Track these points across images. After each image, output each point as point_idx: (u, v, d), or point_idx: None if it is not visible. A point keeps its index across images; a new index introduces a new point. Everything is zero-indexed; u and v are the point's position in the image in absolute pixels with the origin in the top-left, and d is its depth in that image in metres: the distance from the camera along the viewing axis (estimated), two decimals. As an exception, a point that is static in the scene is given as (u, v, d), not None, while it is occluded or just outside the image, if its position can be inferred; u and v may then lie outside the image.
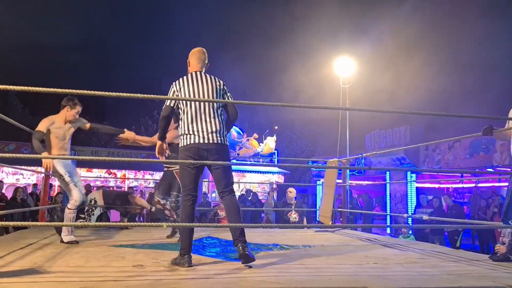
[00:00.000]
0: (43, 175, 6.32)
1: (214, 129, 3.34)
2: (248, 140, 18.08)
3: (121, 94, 3.03)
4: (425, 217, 5.71)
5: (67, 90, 2.88)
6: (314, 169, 18.43)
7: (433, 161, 13.44)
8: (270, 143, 18.26)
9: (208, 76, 3.49)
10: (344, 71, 10.49)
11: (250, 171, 18.02)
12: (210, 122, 3.34)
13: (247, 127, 23.75)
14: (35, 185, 11.53)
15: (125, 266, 3.16)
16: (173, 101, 3.41)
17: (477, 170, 11.25)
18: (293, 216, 7.42)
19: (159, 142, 3.55)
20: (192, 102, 3.34)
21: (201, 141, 3.29)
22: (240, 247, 3.18)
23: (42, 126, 4.27)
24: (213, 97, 3.39)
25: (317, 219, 8.75)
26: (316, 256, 3.90)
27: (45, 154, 4.13)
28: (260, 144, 18.25)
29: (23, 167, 10.78)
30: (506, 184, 3.90)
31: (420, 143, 10.36)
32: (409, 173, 13.91)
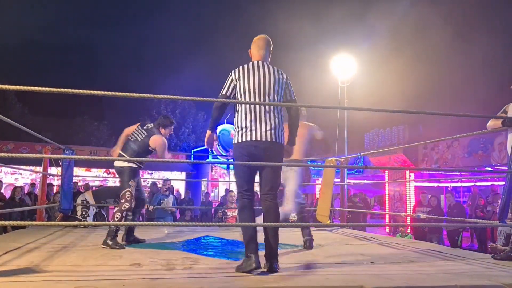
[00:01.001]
0: (41, 175, 6.32)
1: (271, 126, 3.10)
2: (247, 139, 18.04)
3: (118, 93, 3.02)
4: (422, 215, 5.72)
5: (65, 90, 2.87)
6: (313, 168, 18.42)
7: (432, 160, 13.44)
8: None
9: (270, 67, 3.24)
10: (342, 70, 10.48)
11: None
12: (269, 117, 3.10)
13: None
14: (33, 185, 11.50)
15: (122, 265, 3.16)
16: (230, 90, 3.19)
17: (475, 169, 11.25)
18: (292, 215, 7.41)
19: (208, 132, 3.33)
20: (251, 95, 3.11)
21: (258, 138, 3.06)
22: (270, 265, 2.94)
23: None
24: (273, 90, 3.15)
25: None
26: (313, 255, 3.90)
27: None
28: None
29: (21, 167, 10.76)
30: (504, 183, 3.90)
31: (418, 142, 10.35)
32: (407, 172, 13.91)
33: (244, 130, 3.11)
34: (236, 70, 3.20)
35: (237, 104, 3.16)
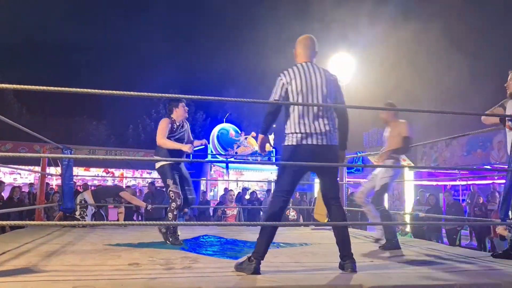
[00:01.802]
0: (40, 174, 6.30)
1: (326, 129, 3.03)
2: (246, 138, 18.07)
3: (116, 92, 3.00)
4: (421, 214, 5.71)
5: (63, 89, 2.85)
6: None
7: (431, 158, 13.45)
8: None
9: (320, 68, 3.17)
10: (341, 68, 10.46)
11: (248, 169, 18.02)
12: (324, 121, 3.04)
13: (245, 125, 23.74)
14: (31, 185, 11.47)
15: (120, 264, 3.15)
16: (282, 95, 3.06)
17: (474, 167, 11.26)
18: (291, 214, 7.43)
19: (261, 136, 3.18)
20: (304, 97, 3.02)
21: (313, 142, 2.99)
22: (349, 266, 2.93)
23: None
24: (326, 92, 3.08)
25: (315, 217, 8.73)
26: (312, 254, 3.90)
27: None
28: (258, 142, 18.23)
29: (20, 166, 10.74)
30: (503, 181, 3.90)
31: (417, 142, 10.35)
32: (406, 170, 13.91)
33: (298, 134, 3.01)
34: (286, 73, 3.09)
35: (290, 107, 3.06)
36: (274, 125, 3.32)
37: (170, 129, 4.46)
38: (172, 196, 4.32)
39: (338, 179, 3.19)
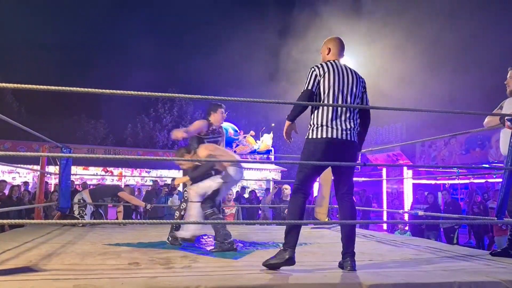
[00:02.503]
0: (39, 173, 6.30)
1: (351, 126, 3.11)
2: (245, 137, 18.08)
3: (115, 91, 3.00)
4: (420, 212, 5.73)
5: (62, 88, 2.85)
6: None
7: (429, 157, 13.47)
8: (267, 140, 18.27)
9: (351, 68, 3.24)
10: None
11: (247, 168, 18.03)
12: (350, 117, 3.11)
13: (244, 124, 23.75)
14: (25, 183, 11.41)
15: (120, 264, 3.15)
16: (315, 85, 3.10)
17: (472, 166, 11.27)
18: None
19: (288, 123, 3.22)
20: (335, 93, 3.09)
21: (338, 136, 3.04)
22: (349, 265, 2.96)
23: None
24: (356, 92, 3.17)
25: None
26: (311, 253, 3.91)
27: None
28: (257, 141, 18.26)
29: (19, 165, 10.70)
30: (501, 180, 3.91)
31: (416, 140, 10.38)
32: (405, 169, 13.94)
33: (324, 127, 3.05)
34: (320, 66, 3.15)
35: (322, 99, 3.12)
36: (272, 124, 3.34)
37: (206, 131, 4.48)
38: (186, 197, 4.33)
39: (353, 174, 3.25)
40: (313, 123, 3.11)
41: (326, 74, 3.10)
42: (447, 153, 12.73)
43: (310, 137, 3.12)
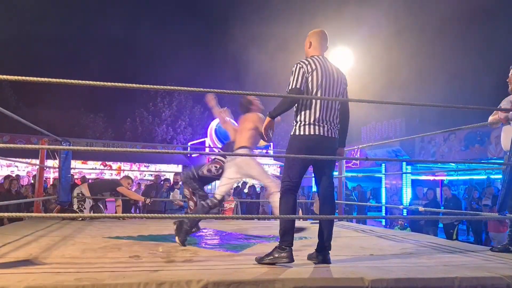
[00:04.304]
0: (37, 167, 6.28)
1: (335, 122, 3.13)
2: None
3: (115, 84, 2.98)
4: (421, 208, 5.73)
5: (61, 80, 2.83)
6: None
7: (428, 153, 13.49)
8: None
9: (333, 64, 3.20)
10: (338, 62, 10.45)
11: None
12: (334, 114, 3.11)
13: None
14: (17, 176, 11.29)
15: (121, 257, 3.15)
16: (303, 84, 3.03)
17: (469, 160, 11.29)
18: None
19: (268, 119, 3.17)
20: (323, 92, 3.05)
21: (324, 133, 3.05)
22: (324, 257, 3.01)
23: None
24: (340, 89, 3.16)
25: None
26: (312, 247, 3.89)
27: None
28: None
29: (17, 159, 10.68)
30: (500, 176, 3.92)
31: (415, 135, 10.36)
32: (404, 164, 13.97)
33: (312, 125, 3.04)
34: (307, 63, 3.07)
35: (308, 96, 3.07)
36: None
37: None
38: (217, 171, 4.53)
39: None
40: (300, 120, 3.08)
41: (314, 72, 3.04)
42: (446, 149, 12.75)
43: (297, 133, 3.09)
